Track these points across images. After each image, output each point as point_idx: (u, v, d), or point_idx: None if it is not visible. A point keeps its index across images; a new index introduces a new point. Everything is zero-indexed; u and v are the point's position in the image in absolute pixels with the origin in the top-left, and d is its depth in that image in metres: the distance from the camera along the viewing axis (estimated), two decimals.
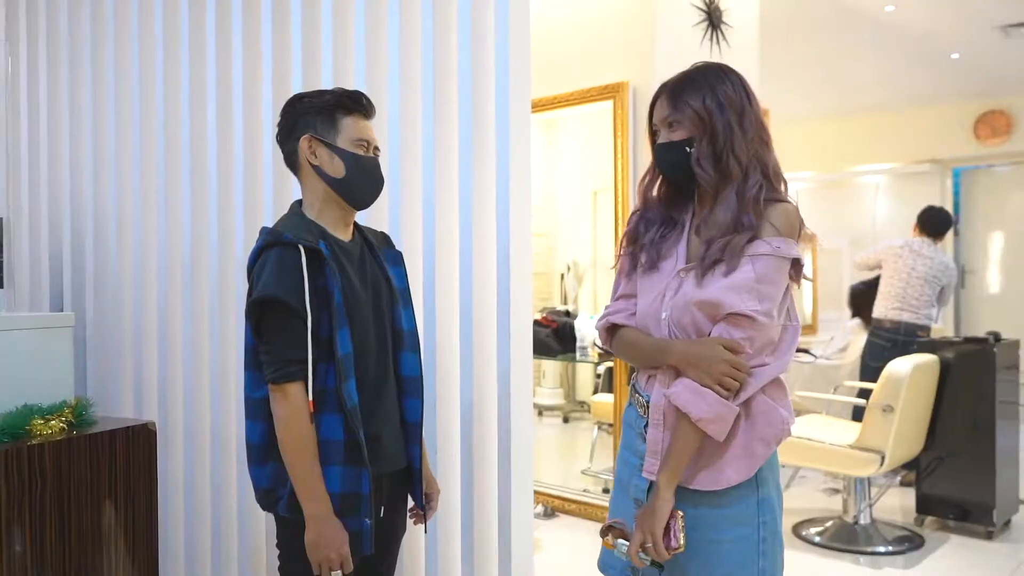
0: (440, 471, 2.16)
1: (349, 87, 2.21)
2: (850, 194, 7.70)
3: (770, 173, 1.55)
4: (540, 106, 4.19)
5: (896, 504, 4.40)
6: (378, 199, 1.85)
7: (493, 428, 2.09)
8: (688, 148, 1.54)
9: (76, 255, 3.02)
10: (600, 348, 4.25)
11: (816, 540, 3.85)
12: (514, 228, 2.04)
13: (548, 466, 4.98)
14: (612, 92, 3.95)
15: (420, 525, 1.94)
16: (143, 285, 2.81)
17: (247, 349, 1.73)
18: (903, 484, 4.67)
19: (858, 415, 4.14)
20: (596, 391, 5.29)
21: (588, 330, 4.25)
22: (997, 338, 4.00)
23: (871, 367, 4.72)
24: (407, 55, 2.22)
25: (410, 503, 1.93)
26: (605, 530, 1.56)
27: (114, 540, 2.14)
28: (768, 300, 1.48)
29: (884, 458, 3.63)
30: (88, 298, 2.95)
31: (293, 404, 1.63)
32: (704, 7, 3.98)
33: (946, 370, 3.99)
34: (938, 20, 4.93)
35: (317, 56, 2.39)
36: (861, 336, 5.43)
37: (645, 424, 1.60)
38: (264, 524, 2.49)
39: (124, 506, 2.17)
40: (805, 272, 1.57)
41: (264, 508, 1.76)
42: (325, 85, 2.32)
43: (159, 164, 2.77)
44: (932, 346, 4.11)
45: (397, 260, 1.89)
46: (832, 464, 3.83)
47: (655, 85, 1.63)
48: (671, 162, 1.59)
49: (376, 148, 1.79)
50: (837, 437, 3.82)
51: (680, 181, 1.61)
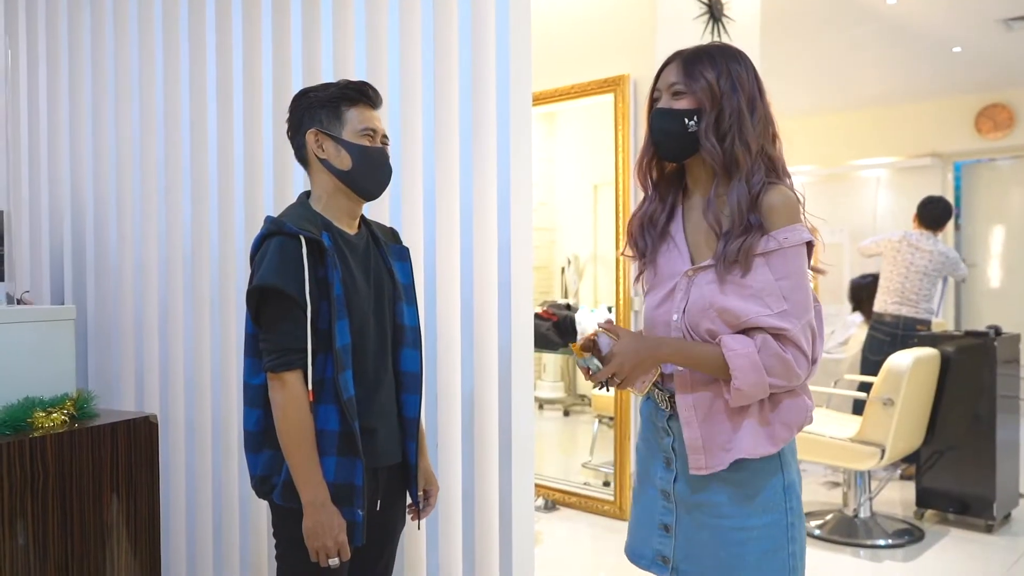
0: (441, 464, 2.17)
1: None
2: (851, 188, 7.69)
3: (779, 169, 1.51)
4: (541, 99, 4.18)
5: (896, 497, 4.41)
6: (380, 197, 1.85)
7: (494, 421, 2.10)
8: (687, 119, 1.47)
9: (77, 248, 3.02)
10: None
11: (816, 533, 3.86)
12: (515, 221, 2.04)
13: (549, 459, 4.99)
14: (613, 85, 3.95)
15: (416, 520, 1.94)
16: (144, 277, 2.81)
17: (247, 336, 1.74)
18: (903, 477, 4.68)
19: (859, 409, 4.14)
20: None
21: (589, 323, 4.25)
22: (998, 332, 4.00)
23: (871, 361, 4.72)
24: (408, 49, 2.22)
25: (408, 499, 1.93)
26: (588, 344, 1.50)
27: (116, 532, 2.15)
28: (794, 295, 1.43)
29: (884, 451, 3.64)
30: (89, 291, 2.96)
31: (291, 392, 1.64)
32: (705, 0, 3.97)
33: (946, 364, 3.99)
34: (939, 14, 4.91)
35: (317, 49, 2.38)
36: (862, 330, 5.43)
37: (668, 417, 1.56)
38: (265, 515, 2.50)
39: (126, 498, 2.17)
40: (819, 265, 1.55)
41: (259, 495, 1.77)
42: (326, 79, 2.32)
43: (159, 156, 2.76)
44: (933, 340, 4.11)
45: (403, 256, 1.89)
46: (832, 457, 3.83)
47: None
48: (665, 130, 1.51)
49: (385, 137, 1.79)
50: (838, 431, 3.82)
51: (671, 153, 1.54)
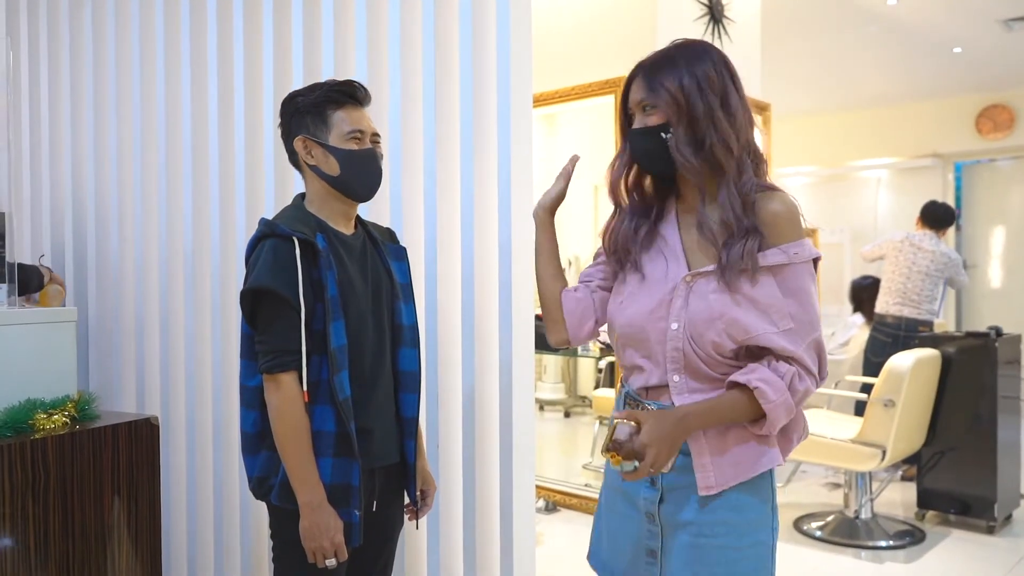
0: (441, 465, 2.17)
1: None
2: (851, 188, 7.70)
3: (759, 160, 1.44)
4: (541, 100, 4.18)
5: (897, 499, 4.41)
6: (380, 193, 1.85)
7: (495, 422, 2.10)
8: (664, 134, 1.40)
9: (78, 250, 3.02)
10: (602, 344, 4.25)
11: (817, 535, 3.85)
12: (515, 222, 2.04)
13: (549, 461, 4.99)
14: (613, 86, 3.95)
15: (423, 520, 1.94)
16: (145, 280, 2.81)
17: (243, 338, 1.74)
18: (904, 479, 4.68)
19: (860, 410, 4.14)
20: (597, 386, 5.30)
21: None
22: (998, 333, 4.00)
23: (873, 362, 4.73)
24: (408, 50, 2.22)
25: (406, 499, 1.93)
26: (615, 446, 1.35)
27: (117, 534, 2.15)
28: (802, 314, 1.37)
29: (885, 453, 3.64)
30: (90, 293, 2.96)
31: (286, 393, 1.64)
32: (706, 1, 3.97)
33: (947, 365, 3.99)
34: (940, 14, 4.91)
35: (318, 49, 2.39)
36: (863, 331, 5.43)
37: None
38: (266, 516, 2.49)
39: (127, 500, 2.17)
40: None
41: (257, 497, 1.77)
42: (326, 78, 2.32)
43: (160, 158, 2.77)
44: (933, 341, 4.11)
45: (400, 255, 1.89)
46: (833, 458, 3.83)
47: None
48: (645, 150, 1.44)
49: (375, 136, 1.78)
50: (839, 432, 3.82)
51: (659, 171, 1.48)
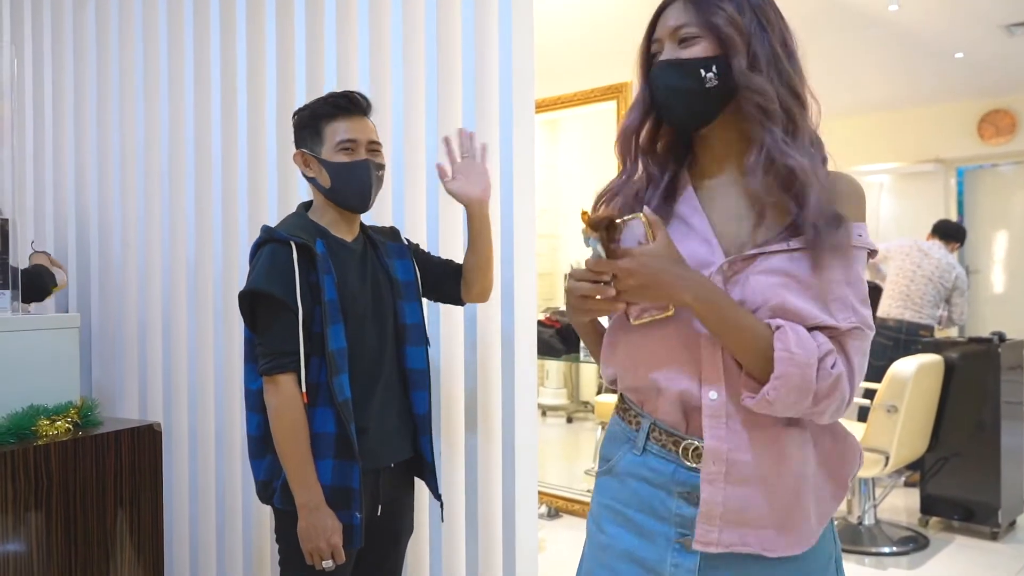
0: (444, 471, 2.17)
1: (352, 89, 2.22)
2: None
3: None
4: (543, 107, 4.19)
5: (900, 505, 4.40)
6: (382, 198, 1.86)
7: (497, 428, 2.10)
8: (704, 71, 1.12)
9: (81, 257, 3.03)
10: None
11: None
12: (518, 228, 2.04)
13: (552, 467, 4.99)
14: (615, 92, 3.95)
15: (426, 526, 1.94)
16: (147, 286, 2.82)
17: (246, 343, 1.77)
18: (907, 484, 4.66)
19: (864, 415, 4.14)
20: (600, 391, 5.29)
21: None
22: (1002, 338, 4.00)
23: (875, 366, 4.72)
24: (410, 57, 2.23)
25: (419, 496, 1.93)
26: (608, 224, 1.11)
27: (120, 539, 2.15)
28: (864, 307, 1.12)
29: (888, 458, 3.63)
30: (93, 299, 2.96)
31: (284, 394, 1.65)
32: None
33: (950, 370, 3.99)
34: (941, 19, 4.91)
35: (321, 58, 2.39)
36: None
37: (680, 473, 1.15)
38: (268, 522, 2.49)
39: (129, 506, 2.17)
40: None
41: (262, 500, 1.79)
42: (329, 87, 2.33)
43: (163, 165, 2.77)
44: (936, 346, 4.11)
45: (402, 253, 1.90)
46: None
47: None
48: (676, 88, 1.14)
49: (372, 143, 1.78)
50: None
51: (685, 118, 1.17)
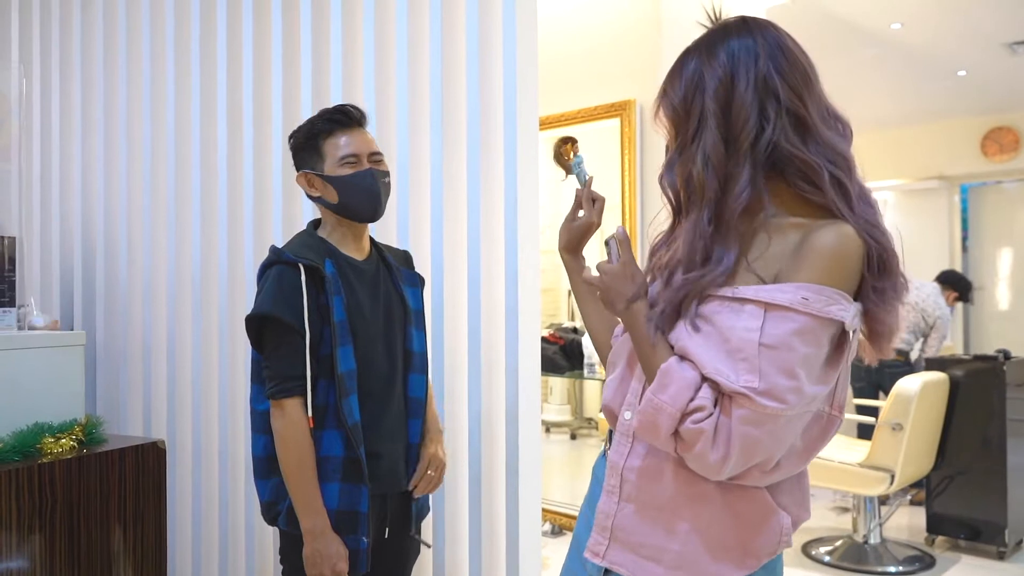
0: (448, 488, 2.16)
1: (357, 105, 2.22)
2: None
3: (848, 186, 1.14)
4: (547, 124, 4.21)
5: (906, 523, 4.37)
6: (387, 217, 1.86)
7: (501, 445, 2.09)
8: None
9: (87, 275, 3.04)
10: None
11: (826, 560, 3.82)
12: (522, 245, 2.04)
13: (555, 484, 4.97)
14: (619, 110, 3.97)
15: (430, 549, 1.93)
16: (152, 304, 2.82)
17: (253, 363, 1.75)
18: (913, 503, 4.64)
19: (866, 433, 4.12)
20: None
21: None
22: (1007, 356, 3.98)
23: (854, 387, 4.84)
24: (415, 74, 2.24)
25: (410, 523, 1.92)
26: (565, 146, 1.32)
27: (123, 558, 2.14)
28: (782, 373, 1.04)
29: (894, 477, 3.61)
30: (98, 317, 2.97)
31: (291, 419, 1.64)
32: (710, 26, 4.00)
33: (955, 388, 3.97)
34: (944, 38, 4.94)
35: (326, 75, 2.41)
36: None
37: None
38: (271, 542, 2.49)
39: (133, 524, 2.17)
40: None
41: (267, 522, 1.78)
42: (334, 103, 2.34)
43: (169, 184, 2.79)
44: (941, 364, 4.09)
45: (415, 281, 1.90)
46: (841, 483, 3.80)
47: None
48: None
49: (374, 154, 1.78)
50: (846, 455, 3.80)
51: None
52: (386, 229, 2.24)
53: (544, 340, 4.48)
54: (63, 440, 2.09)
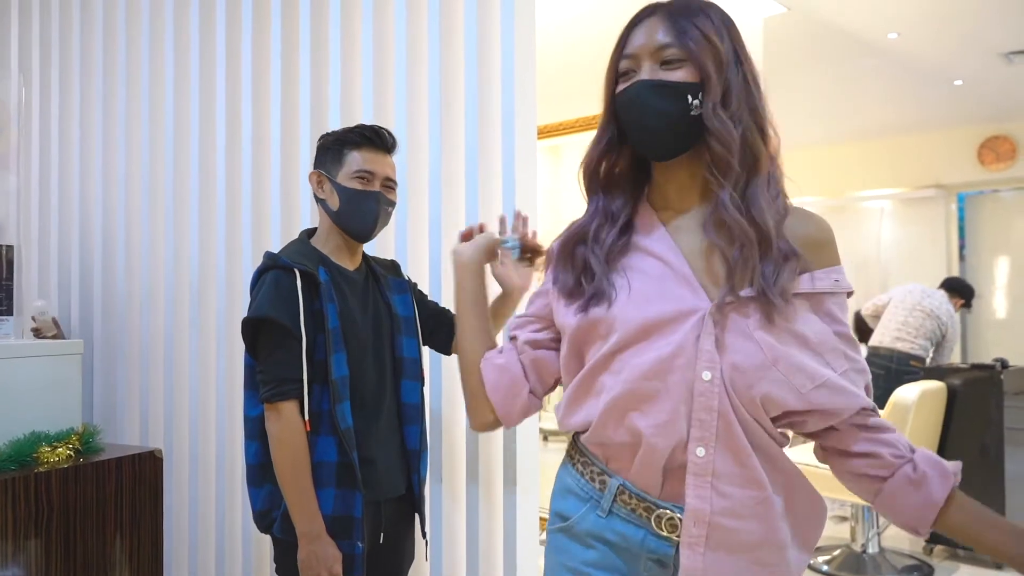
0: (445, 497, 2.16)
1: (355, 116, 2.23)
2: (855, 219, 7.70)
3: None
4: (545, 132, 4.22)
5: (904, 533, 4.36)
6: (384, 229, 1.87)
7: (499, 453, 2.09)
8: (692, 97, 1.04)
9: (84, 283, 3.04)
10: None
11: (824, 569, 3.81)
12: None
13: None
14: None
15: (424, 554, 1.93)
16: (150, 313, 2.82)
17: (246, 369, 1.75)
18: None
19: None
20: None
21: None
22: (1004, 364, 3.98)
23: None
24: (413, 82, 2.24)
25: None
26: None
27: (120, 567, 2.13)
28: (854, 350, 1.07)
29: None
30: (95, 325, 2.97)
31: (287, 422, 1.64)
32: None
33: (953, 397, 3.97)
34: (941, 47, 4.95)
35: (325, 83, 2.41)
36: None
37: (651, 540, 1.07)
38: (268, 550, 2.48)
39: (130, 533, 2.16)
40: None
41: (261, 530, 1.77)
42: (332, 113, 2.35)
43: (167, 191, 2.79)
44: (939, 373, 4.09)
45: (403, 288, 1.91)
46: (839, 491, 3.79)
47: None
48: (661, 112, 1.05)
49: (387, 180, 1.80)
50: None
51: (662, 148, 1.08)
52: (384, 236, 2.24)
53: None
54: (60, 449, 2.08)
